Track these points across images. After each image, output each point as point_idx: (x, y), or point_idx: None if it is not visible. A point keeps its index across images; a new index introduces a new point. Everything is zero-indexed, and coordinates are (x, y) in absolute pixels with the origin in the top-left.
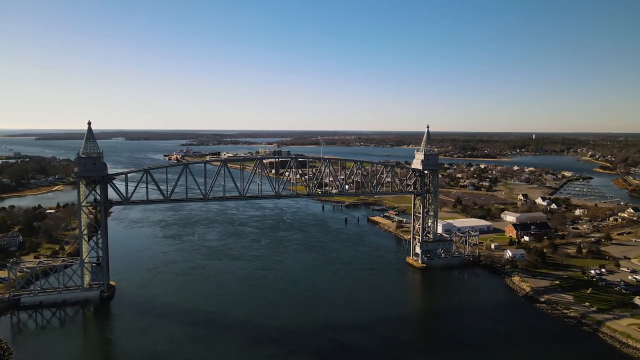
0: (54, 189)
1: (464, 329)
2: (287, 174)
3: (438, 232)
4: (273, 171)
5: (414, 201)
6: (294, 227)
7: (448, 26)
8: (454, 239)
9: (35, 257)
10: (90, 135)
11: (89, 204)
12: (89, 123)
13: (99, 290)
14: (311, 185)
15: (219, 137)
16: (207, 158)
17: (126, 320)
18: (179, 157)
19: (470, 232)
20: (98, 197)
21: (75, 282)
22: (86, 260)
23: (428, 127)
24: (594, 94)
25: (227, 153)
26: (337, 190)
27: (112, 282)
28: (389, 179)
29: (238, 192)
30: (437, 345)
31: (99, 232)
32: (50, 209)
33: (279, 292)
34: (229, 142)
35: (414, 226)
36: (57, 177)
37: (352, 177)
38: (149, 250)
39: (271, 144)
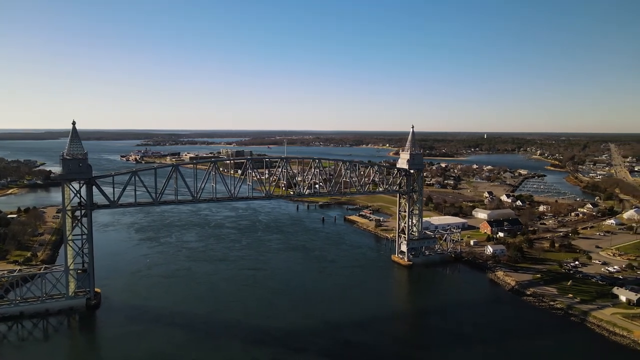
0: (8, 192)
1: (460, 322)
2: (274, 175)
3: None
4: (239, 171)
5: (399, 200)
6: (271, 227)
7: (406, 28)
8: (437, 236)
9: (16, 265)
10: (75, 135)
11: (73, 208)
12: (74, 123)
13: (85, 298)
14: (283, 184)
15: (175, 137)
16: (168, 159)
17: (119, 326)
18: (137, 157)
19: (453, 230)
20: (84, 200)
21: (59, 290)
22: (71, 267)
23: (413, 127)
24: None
25: (188, 153)
26: (326, 190)
27: (97, 289)
28: (376, 179)
29: (228, 194)
30: (437, 340)
31: (83, 236)
32: (11, 213)
33: (271, 291)
34: (186, 142)
35: (399, 224)
36: (9, 179)
37: (342, 177)
38: (128, 254)
39: (230, 144)
